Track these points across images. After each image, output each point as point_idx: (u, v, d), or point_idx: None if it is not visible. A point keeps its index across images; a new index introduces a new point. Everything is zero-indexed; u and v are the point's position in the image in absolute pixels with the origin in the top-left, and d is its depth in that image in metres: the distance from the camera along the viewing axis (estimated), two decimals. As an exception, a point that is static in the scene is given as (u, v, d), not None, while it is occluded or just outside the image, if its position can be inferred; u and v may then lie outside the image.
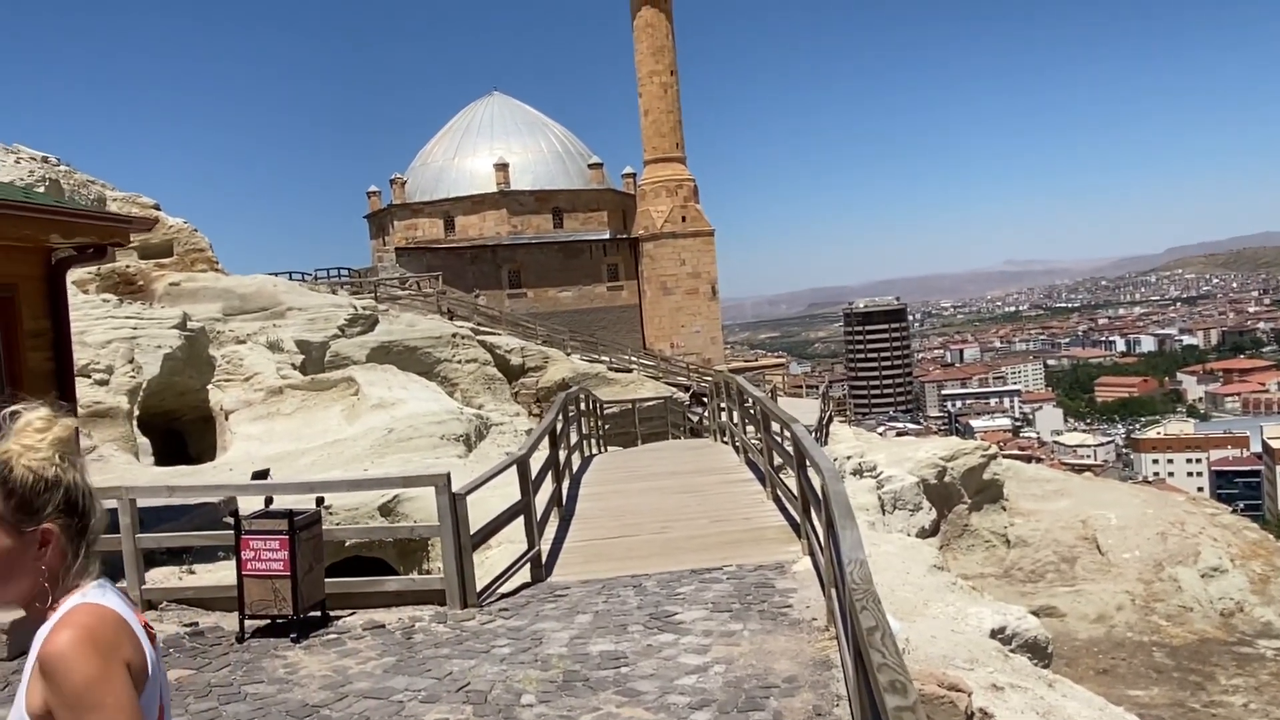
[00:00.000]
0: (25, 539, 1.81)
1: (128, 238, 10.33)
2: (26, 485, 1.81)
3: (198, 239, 29.65)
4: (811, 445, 7.39)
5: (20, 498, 1.81)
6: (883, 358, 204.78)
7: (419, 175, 58.72)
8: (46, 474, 1.83)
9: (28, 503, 1.81)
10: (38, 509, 1.82)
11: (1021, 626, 10.27)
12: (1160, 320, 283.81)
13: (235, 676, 6.42)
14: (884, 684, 2.84)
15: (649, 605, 7.47)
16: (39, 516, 1.82)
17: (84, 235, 9.65)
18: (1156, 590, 22.66)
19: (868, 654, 3.16)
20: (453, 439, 14.63)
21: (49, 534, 1.82)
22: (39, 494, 1.82)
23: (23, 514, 1.81)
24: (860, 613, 3.48)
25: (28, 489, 1.81)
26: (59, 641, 1.74)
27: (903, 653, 3.49)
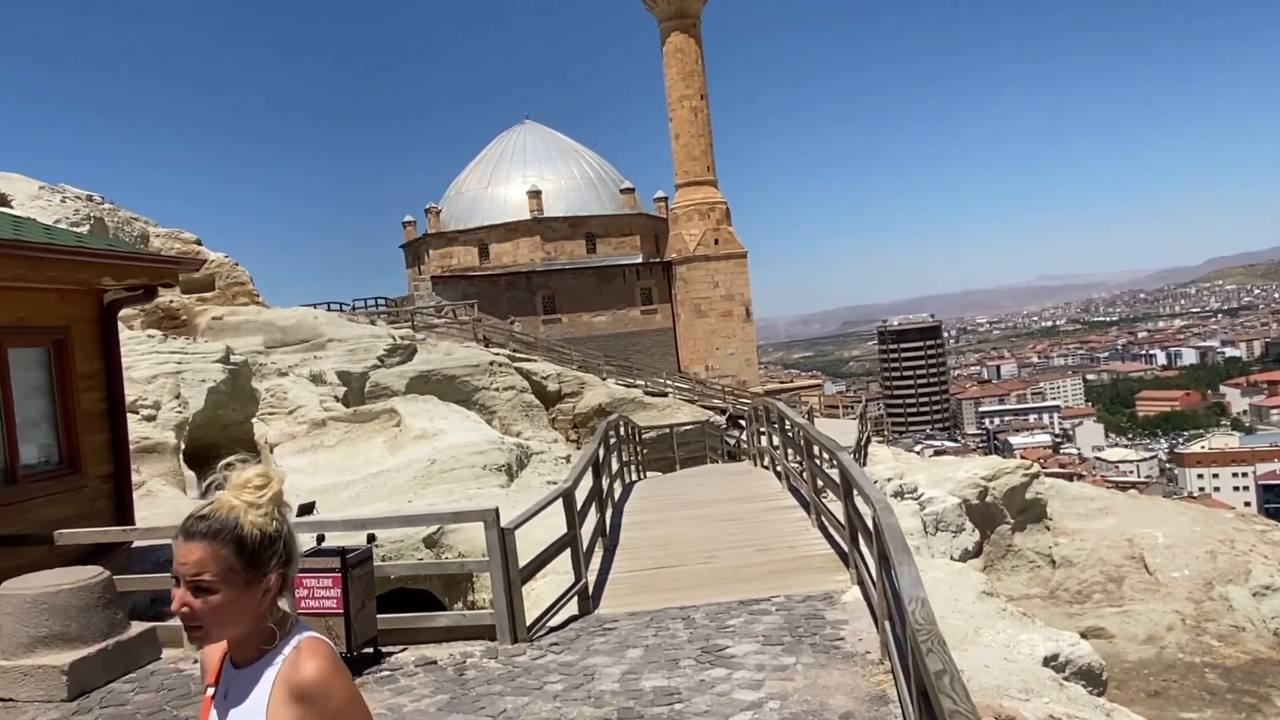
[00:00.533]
0: (253, 589, 1.98)
1: (176, 278, 10.54)
2: (256, 541, 1.98)
3: (239, 273, 30.11)
4: (860, 475, 7.35)
5: (251, 554, 1.97)
6: (918, 375, 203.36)
7: (453, 204, 59.34)
8: (269, 530, 2.00)
9: (256, 557, 1.98)
10: (264, 562, 1.99)
11: (1075, 653, 10.11)
12: (1201, 332, 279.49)
13: (292, 715, 6.46)
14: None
15: (699, 638, 7.45)
16: (265, 569, 1.99)
17: (135, 277, 9.86)
18: (1207, 610, 22.23)
19: (938, 700, 3.14)
20: (495, 469, 14.70)
21: (275, 584, 2.01)
22: (265, 548, 1.99)
23: (252, 569, 1.97)
24: (927, 655, 3.46)
25: (257, 545, 1.98)
26: (314, 669, 1.96)
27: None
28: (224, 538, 1.96)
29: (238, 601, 1.96)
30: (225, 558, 1.95)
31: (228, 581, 1.95)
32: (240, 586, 1.96)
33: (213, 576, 1.94)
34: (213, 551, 1.95)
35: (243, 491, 2.01)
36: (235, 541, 1.96)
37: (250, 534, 1.97)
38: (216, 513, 1.99)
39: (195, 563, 1.96)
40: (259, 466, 2.09)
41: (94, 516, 9.60)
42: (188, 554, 1.97)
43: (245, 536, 1.97)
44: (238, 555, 1.96)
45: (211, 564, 1.95)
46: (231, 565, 1.95)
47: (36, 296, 9.25)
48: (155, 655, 7.76)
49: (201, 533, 1.98)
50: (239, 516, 1.98)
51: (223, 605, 1.95)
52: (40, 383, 9.45)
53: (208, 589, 1.95)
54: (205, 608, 1.95)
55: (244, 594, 1.97)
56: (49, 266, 8.82)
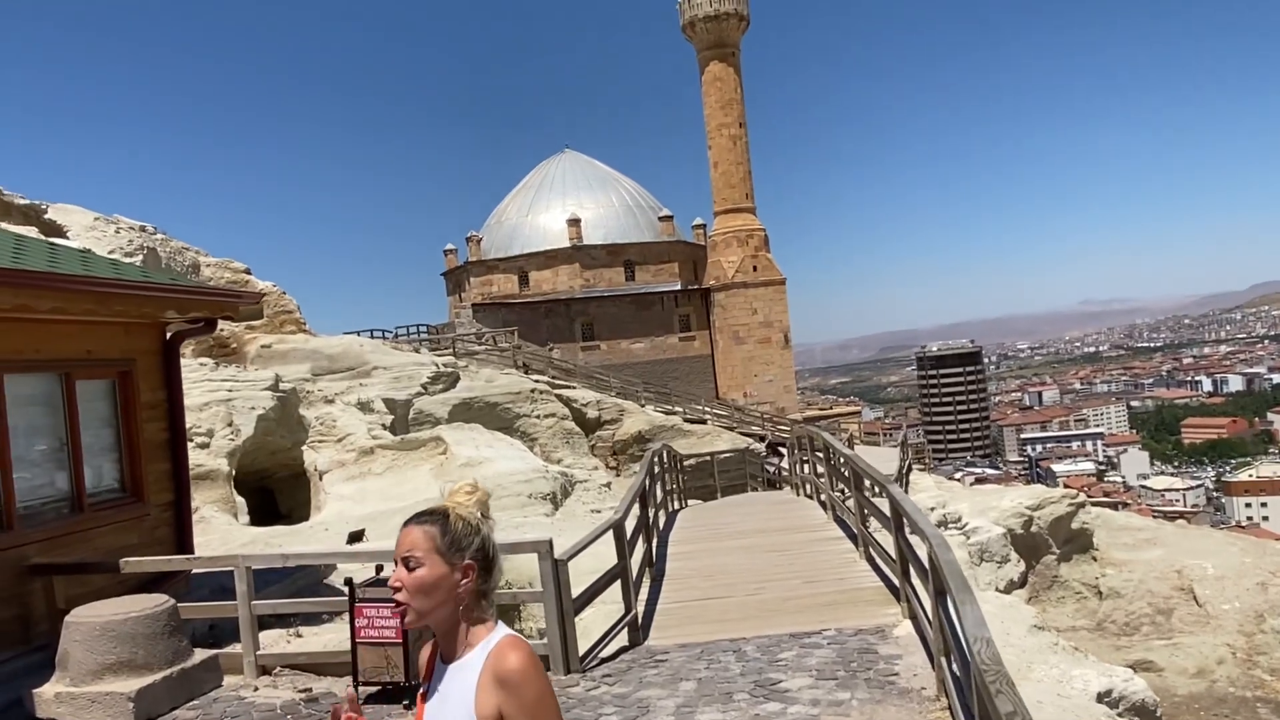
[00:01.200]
0: (453, 569, 2.30)
1: (237, 310, 10.79)
2: (458, 529, 2.33)
3: (286, 301, 30.63)
4: (913, 509, 7.37)
5: (452, 537, 2.31)
6: (958, 401, 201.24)
7: (494, 232, 59.96)
8: (472, 523, 2.36)
9: (457, 541, 2.32)
10: (464, 547, 2.32)
11: (1129, 689, 10.00)
12: (1248, 359, 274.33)
13: (354, 744, 6.57)
14: (1032, 775, 2.87)
15: (752, 672, 7.48)
16: (463, 554, 2.31)
17: (197, 310, 10.12)
18: (1258, 643, 21.81)
19: (1009, 741, 3.18)
20: (540, 497, 14.81)
21: (469, 568, 2.32)
22: (465, 535, 2.33)
23: (453, 550, 2.31)
24: (996, 696, 3.51)
25: (458, 531, 2.33)
26: (516, 660, 2.24)
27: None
28: (433, 519, 2.34)
29: (438, 579, 2.28)
30: (431, 535, 2.30)
31: (431, 557, 2.29)
32: (441, 565, 2.29)
33: (420, 553, 2.29)
34: (424, 531, 2.32)
35: (455, 495, 2.40)
36: (442, 524, 2.32)
37: (454, 520, 2.33)
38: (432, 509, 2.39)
39: (409, 542, 2.32)
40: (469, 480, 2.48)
41: (155, 544, 9.82)
42: (405, 537, 2.34)
43: (450, 521, 2.33)
44: (442, 535, 2.30)
45: (421, 541, 2.30)
46: (436, 544, 2.30)
47: (103, 330, 9.53)
48: (217, 682, 7.92)
49: (417, 518, 2.37)
50: (448, 507, 2.37)
51: (425, 579, 2.27)
52: (106, 413, 9.71)
53: (415, 565, 2.29)
54: (410, 580, 2.28)
55: (444, 572, 2.28)
56: (116, 301, 9.08)
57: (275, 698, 7.61)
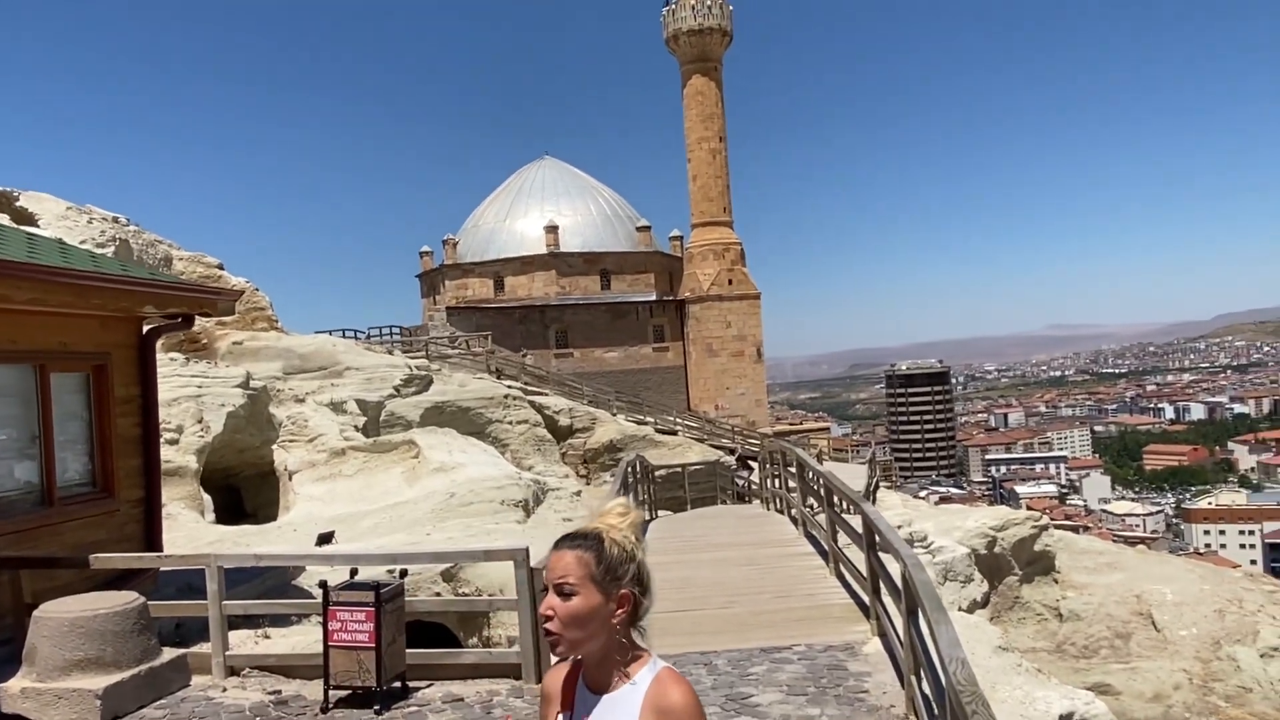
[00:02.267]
0: (609, 599, 2.18)
1: (216, 307, 10.74)
2: (614, 556, 2.20)
3: (259, 298, 30.41)
4: (887, 527, 7.46)
5: (609, 565, 2.19)
6: (925, 421, 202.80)
7: (471, 236, 59.83)
8: (627, 547, 2.23)
9: (614, 569, 2.20)
10: (620, 576, 2.20)
11: (1089, 711, 10.12)
12: (1210, 388, 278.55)
13: (324, 748, 6.56)
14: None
15: (723, 685, 7.53)
16: (619, 583, 2.20)
17: (176, 306, 10.06)
18: (1215, 669, 22.11)
19: (985, 761, 3.25)
20: (512, 504, 14.80)
21: (626, 598, 2.20)
22: (622, 563, 2.21)
23: (610, 578, 2.19)
24: (972, 716, 3.58)
25: (614, 559, 2.20)
26: (680, 695, 2.15)
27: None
28: (588, 546, 2.21)
29: (593, 609, 2.16)
30: (587, 563, 2.18)
31: (586, 586, 2.17)
32: (596, 594, 2.17)
33: (575, 580, 2.17)
34: (577, 556, 2.19)
35: (607, 517, 2.27)
36: (597, 550, 2.20)
37: (610, 546, 2.21)
38: (584, 529, 2.26)
39: (561, 568, 2.19)
40: (624, 499, 2.37)
41: (124, 540, 9.74)
42: (557, 561, 2.21)
43: (606, 547, 2.20)
44: (598, 563, 2.18)
45: (575, 568, 2.18)
46: (591, 572, 2.18)
47: (79, 323, 9.45)
48: (185, 682, 7.86)
49: (570, 541, 2.24)
50: (602, 531, 2.23)
51: (580, 610, 2.16)
52: (78, 407, 9.63)
53: (569, 592, 2.16)
54: (564, 609, 2.16)
55: (599, 602, 2.17)
56: (94, 294, 9.02)
57: (244, 699, 7.57)
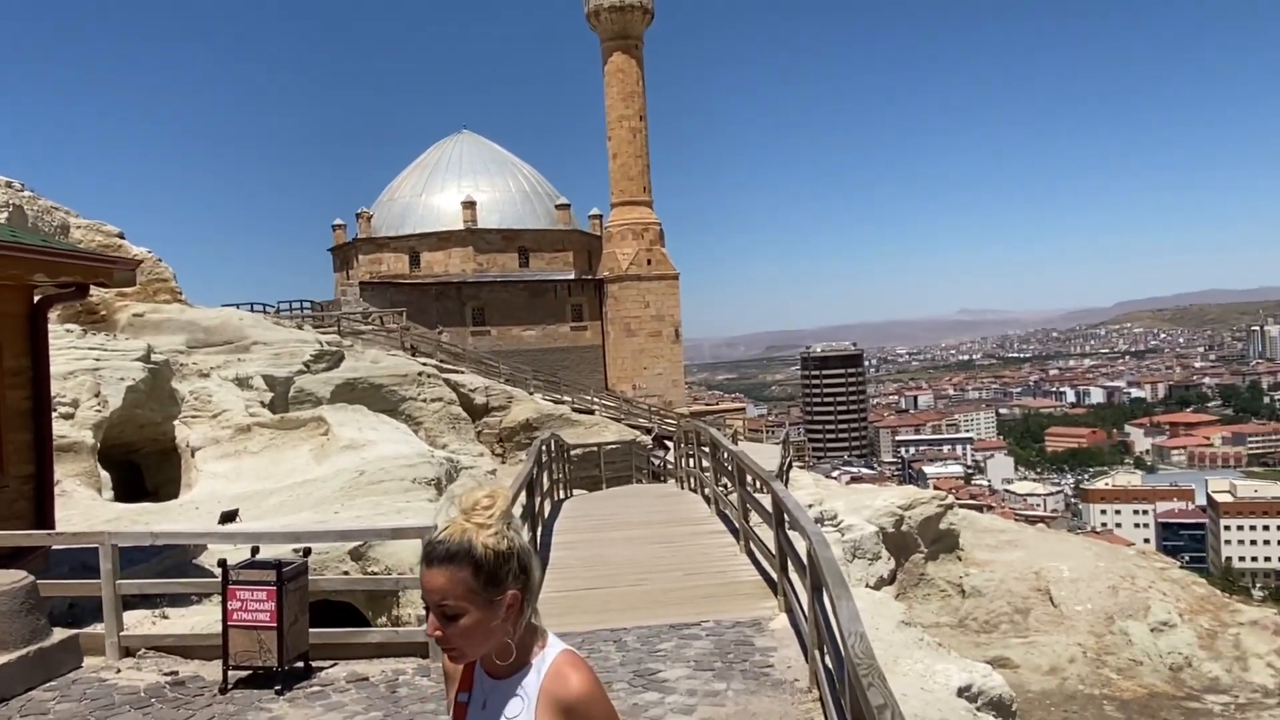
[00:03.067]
0: (495, 607, 2.09)
1: (112, 277, 10.34)
2: (490, 561, 2.08)
3: (161, 269, 29.41)
4: (795, 506, 7.56)
5: (488, 573, 2.08)
6: (839, 402, 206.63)
7: (386, 210, 58.71)
8: (501, 548, 2.11)
9: (493, 577, 2.09)
10: (501, 580, 2.09)
11: (987, 684, 10.46)
12: (1109, 373, 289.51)
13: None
14: (900, 765, 3.00)
15: (631, 662, 7.57)
16: (503, 586, 2.10)
17: (69, 275, 9.65)
18: (1108, 643, 23.02)
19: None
20: (424, 483, 14.61)
21: (515, 598, 2.12)
22: (500, 566, 2.10)
23: (491, 587, 2.08)
24: (868, 689, 3.64)
25: (491, 565, 2.08)
26: (580, 683, 2.09)
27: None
28: (460, 560, 2.08)
29: (483, 621, 2.08)
30: (464, 580, 2.07)
31: (471, 603, 2.07)
32: (482, 606, 2.08)
33: (456, 601, 2.07)
34: (451, 575, 2.07)
35: (472, 514, 2.14)
36: (472, 564, 2.08)
37: (484, 555, 2.08)
38: (450, 537, 2.11)
39: (439, 589, 2.07)
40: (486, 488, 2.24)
41: (13, 518, 9.35)
42: (431, 581, 2.09)
43: (480, 558, 2.08)
44: (475, 577, 2.07)
45: (453, 588, 2.07)
46: (471, 587, 2.07)
47: (-36, 290, 9.02)
48: (77, 663, 7.60)
49: (440, 557, 2.09)
50: (471, 538, 2.09)
51: (470, 628, 2.08)
52: (-37, 378, 9.19)
53: (453, 614, 2.07)
54: (455, 631, 2.08)
55: (487, 613, 2.08)
56: (-20, 260, 8.61)
57: (139, 680, 7.35)
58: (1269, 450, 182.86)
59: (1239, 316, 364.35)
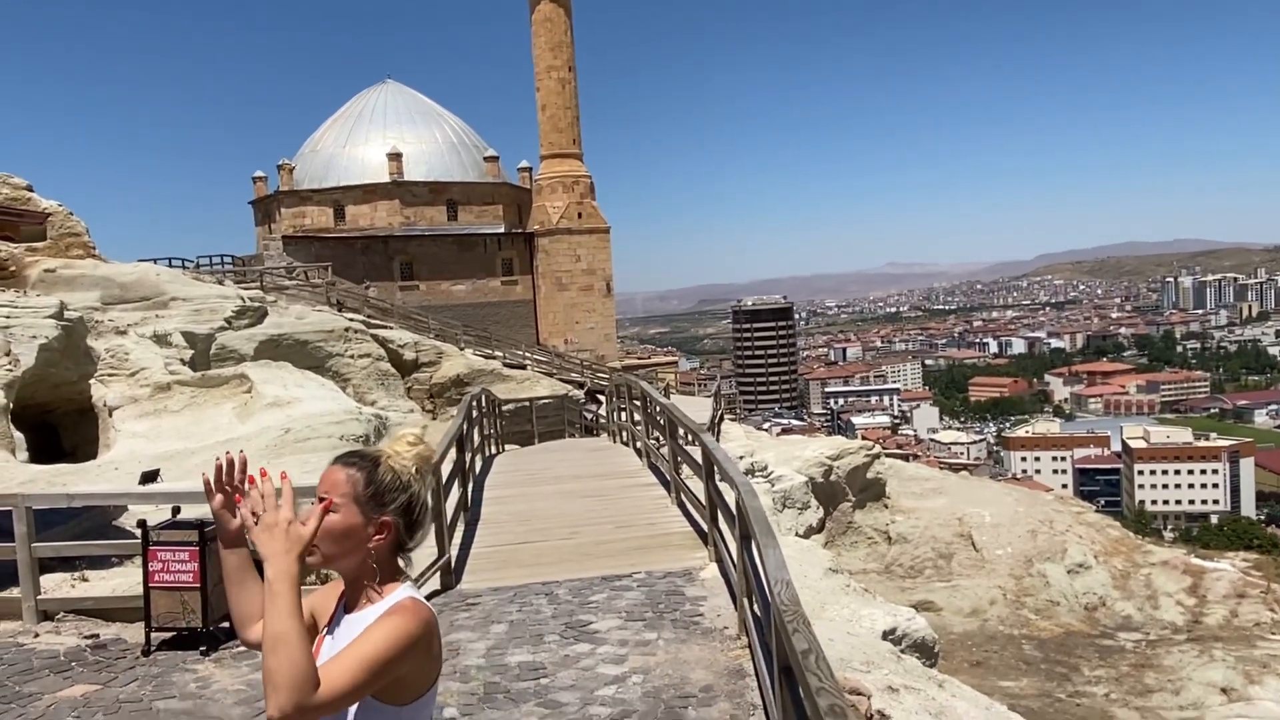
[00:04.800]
0: (369, 523, 2.17)
1: (19, 231, 9.93)
2: (385, 481, 2.20)
3: (73, 223, 28.33)
4: (724, 457, 7.61)
5: (376, 488, 2.19)
6: (769, 355, 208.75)
7: (308, 162, 57.21)
8: (402, 478, 2.23)
9: (381, 494, 2.19)
10: (386, 502, 2.19)
11: (911, 627, 10.76)
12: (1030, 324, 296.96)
13: (145, 691, 6.29)
14: (824, 707, 3.05)
15: (563, 614, 7.60)
16: (385, 509, 2.19)
17: (-29, 228, 9.24)
18: (1027, 586, 23.79)
19: (804, 677, 3.36)
20: (352, 439, 14.39)
21: (387, 525, 2.20)
22: (392, 490, 2.20)
23: (375, 502, 2.18)
24: (793, 635, 3.69)
25: (385, 484, 2.20)
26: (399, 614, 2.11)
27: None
28: (359, 465, 2.21)
29: (353, 529, 2.16)
30: (355, 481, 2.18)
31: (348, 505, 2.16)
32: (356, 514, 2.16)
33: (338, 496, 2.16)
34: (348, 475, 2.19)
35: (396, 443, 2.25)
36: (369, 472, 2.20)
37: (382, 471, 2.20)
38: (364, 451, 2.27)
39: (329, 483, 2.19)
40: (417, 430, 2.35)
41: (-81, 482, 9.01)
42: (327, 476, 2.21)
43: (379, 471, 2.20)
44: (365, 484, 2.18)
45: (342, 485, 2.18)
46: (356, 492, 2.17)
47: None
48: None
49: (344, 458, 2.24)
50: (380, 455, 2.24)
51: (334, 526, 2.14)
52: None
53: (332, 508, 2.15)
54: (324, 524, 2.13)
55: (358, 523, 2.16)
56: (-126, 213, 8.19)
57: (58, 644, 7.18)
58: (1180, 398, 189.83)
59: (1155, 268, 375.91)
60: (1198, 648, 20.45)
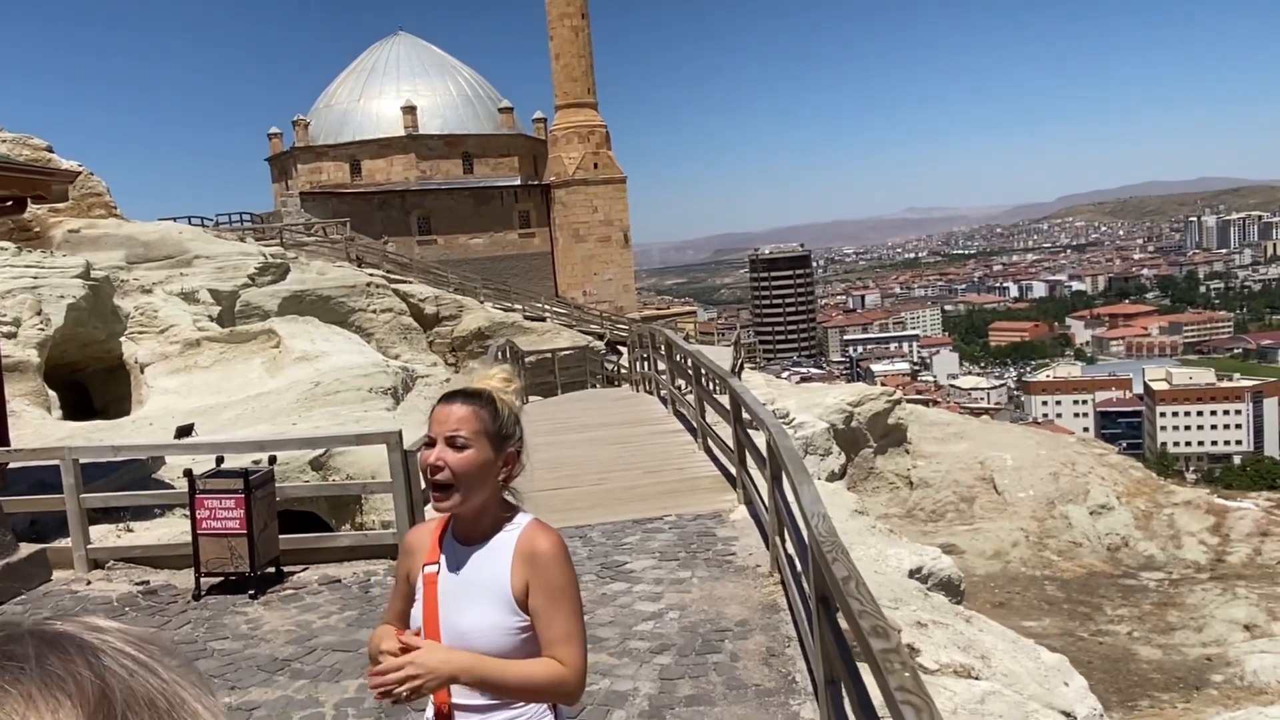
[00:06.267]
0: (499, 456, 2.23)
1: (50, 190, 10.04)
2: (505, 415, 2.26)
3: (95, 183, 28.54)
4: (752, 399, 7.72)
5: (501, 422, 2.24)
6: (787, 304, 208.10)
7: (323, 117, 57.05)
8: (515, 410, 2.30)
9: (504, 427, 2.25)
10: (509, 434, 2.25)
11: (936, 566, 10.91)
12: (1051, 267, 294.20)
13: (199, 633, 6.52)
14: (867, 629, 3.17)
15: (599, 555, 7.78)
16: (509, 441, 2.25)
17: (5, 188, 9.37)
18: (1049, 527, 23.88)
19: (844, 601, 3.48)
20: (380, 392, 14.61)
21: (513, 456, 2.27)
22: (512, 423, 2.27)
23: (501, 435, 2.24)
24: (833, 564, 3.81)
25: (506, 419, 2.26)
26: (547, 542, 2.22)
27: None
28: (483, 401, 2.24)
29: (487, 463, 2.20)
30: (483, 418, 2.21)
31: (480, 440, 2.20)
32: (489, 449, 2.21)
33: (470, 433, 2.19)
34: (473, 411, 2.21)
35: (492, 380, 2.28)
36: (492, 406, 2.24)
37: (502, 405, 2.26)
38: (473, 388, 2.27)
39: (456, 420, 2.20)
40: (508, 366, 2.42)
41: (-34, 438, 9.25)
42: (448, 414, 2.22)
43: (499, 405, 2.25)
44: (492, 419, 2.22)
45: (470, 421, 2.20)
46: (486, 427, 2.21)
47: (-105, 206, 8.73)
48: (46, 577, 7.65)
49: (462, 395, 2.25)
50: (494, 391, 2.27)
51: (474, 462, 2.18)
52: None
53: (464, 444, 2.19)
54: (459, 461, 2.18)
55: (491, 457, 2.21)
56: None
57: (111, 590, 7.42)
58: (1203, 339, 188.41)
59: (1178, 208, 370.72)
60: (1220, 586, 20.54)
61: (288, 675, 5.65)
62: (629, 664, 5.53)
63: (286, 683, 5.54)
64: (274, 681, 5.62)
